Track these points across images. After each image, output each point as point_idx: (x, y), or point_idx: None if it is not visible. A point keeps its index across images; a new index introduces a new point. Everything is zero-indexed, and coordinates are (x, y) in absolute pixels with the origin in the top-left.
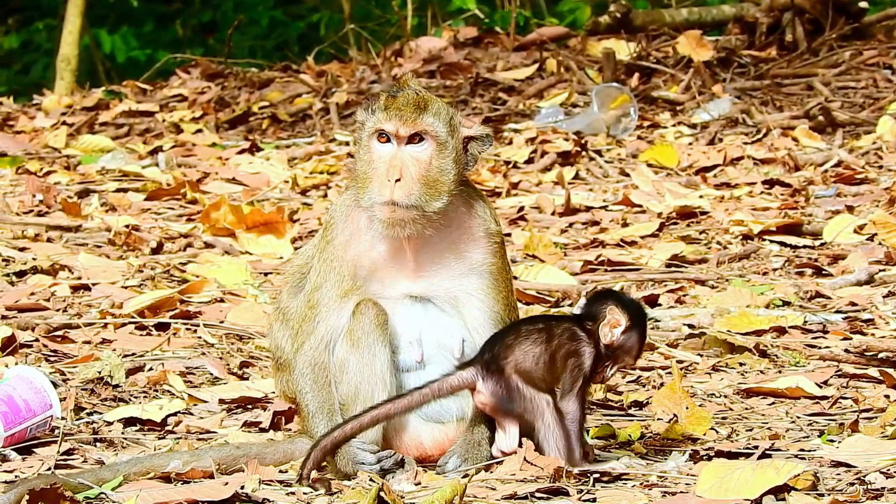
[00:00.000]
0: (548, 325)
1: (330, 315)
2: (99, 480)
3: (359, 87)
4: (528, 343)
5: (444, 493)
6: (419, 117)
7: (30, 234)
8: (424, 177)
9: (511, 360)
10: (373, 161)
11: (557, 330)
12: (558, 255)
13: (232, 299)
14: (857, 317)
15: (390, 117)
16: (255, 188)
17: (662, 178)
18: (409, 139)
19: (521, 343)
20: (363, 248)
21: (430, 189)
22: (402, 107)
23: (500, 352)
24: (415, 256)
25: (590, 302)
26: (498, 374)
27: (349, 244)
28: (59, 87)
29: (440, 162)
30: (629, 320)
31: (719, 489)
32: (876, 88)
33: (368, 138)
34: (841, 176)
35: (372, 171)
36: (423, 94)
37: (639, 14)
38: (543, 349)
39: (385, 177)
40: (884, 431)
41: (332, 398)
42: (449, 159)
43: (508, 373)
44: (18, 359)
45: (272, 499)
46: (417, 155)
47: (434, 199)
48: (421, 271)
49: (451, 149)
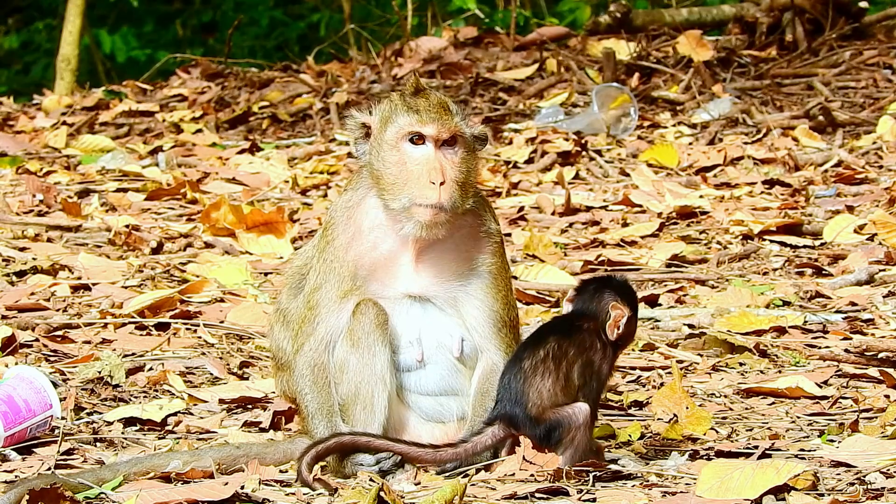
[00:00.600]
0: (549, 350)
1: (330, 316)
2: (99, 480)
3: (359, 87)
4: (539, 379)
5: (444, 493)
6: (452, 119)
7: (30, 234)
8: (460, 178)
9: (531, 403)
10: (407, 163)
11: (560, 350)
12: (558, 255)
13: (232, 299)
14: (857, 317)
15: (425, 120)
16: (255, 188)
17: (662, 178)
18: (445, 142)
19: (534, 385)
20: (364, 248)
21: (463, 190)
22: (435, 109)
23: (518, 400)
24: (416, 257)
25: (585, 298)
26: (533, 422)
27: (350, 245)
28: (59, 87)
29: (470, 163)
30: (630, 308)
31: (719, 489)
32: (876, 88)
33: (398, 140)
34: (841, 176)
35: (407, 174)
36: (444, 96)
37: (639, 14)
38: (555, 378)
39: (428, 179)
40: (884, 431)
41: (332, 399)
42: (474, 160)
43: (537, 413)
44: (18, 359)
45: (272, 499)
46: (454, 157)
47: (466, 199)
48: (421, 271)
49: (473, 149)
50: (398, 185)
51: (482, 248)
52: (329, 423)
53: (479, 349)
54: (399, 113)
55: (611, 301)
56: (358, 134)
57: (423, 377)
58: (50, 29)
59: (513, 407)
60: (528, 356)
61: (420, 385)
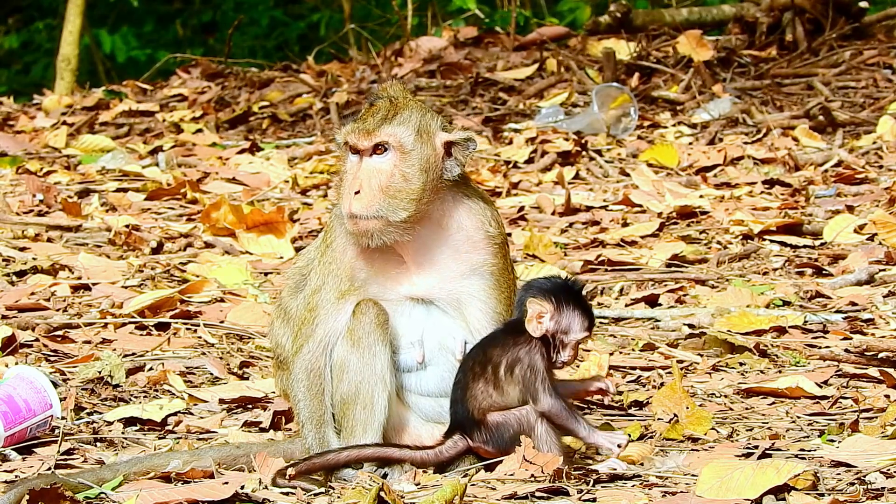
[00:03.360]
0: (479, 355)
1: (328, 318)
2: (99, 480)
3: (359, 87)
4: (475, 383)
5: (444, 493)
6: (379, 128)
7: (30, 233)
8: (387, 187)
9: (474, 407)
10: (343, 173)
11: (489, 353)
12: (558, 255)
13: (232, 299)
14: (857, 317)
15: (354, 130)
16: (255, 188)
17: (662, 177)
18: (374, 150)
19: (470, 389)
20: (363, 252)
21: (393, 199)
22: (366, 118)
23: (462, 407)
24: (413, 259)
25: (518, 302)
26: (477, 426)
27: (348, 248)
28: (59, 87)
29: (404, 171)
30: (553, 304)
31: (719, 489)
32: (876, 88)
33: (342, 151)
34: (841, 176)
35: (341, 184)
36: (397, 102)
37: (639, 14)
38: (489, 378)
39: (348, 189)
40: (884, 431)
41: (324, 408)
42: (415, 168)
43: (481, 417)
44: (18, 359)
45: (272, 499)
46: (379, 166)
47: (400, 208)
48: (421, 274)
49: (420, 157)
50: (338, 194)
51: (483, 249)
52: (318, 433)
53: None
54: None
55: (528, 298)
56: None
57: (424, 378)
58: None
59: (460, 413)
60: (463, 368)
61: (420, 386)
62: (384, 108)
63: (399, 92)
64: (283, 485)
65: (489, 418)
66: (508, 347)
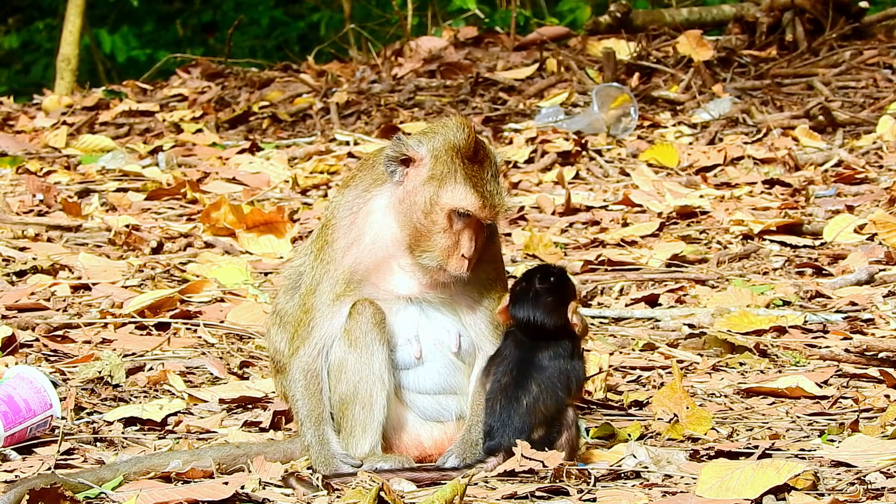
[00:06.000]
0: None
1: (324, 321)
2: (99, 480)
3: (359, 86)
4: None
5: (444, 492)
6: (505, 206)
7: (30, 233)
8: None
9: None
10: (445, 231)
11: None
12: (558, 255)
13: (232, 299)
14: (857, 317)
15: (484, 206)
16: (255, 188)
17: (662, 177)
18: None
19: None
20: (363, 253)
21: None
22: (495, 194)
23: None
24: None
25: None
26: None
27: (349, 250)
28: (59, 87)
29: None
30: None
31: (719, 489)
32: (876, 88)
33: (447, 207)
34: (841, 176)
35: (442, 238)
36: (494, 160)
37: (639, 14)
38: (533, 398)
39: (460, 252)
40: (884, 431)
41: (322, 407)
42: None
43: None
44: (18, 359)
45: (272, 499)
46: (487, 230)
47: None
48: (416, 274)
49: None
50: (428, 242)
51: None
52: (317, 432)
53: (477, 347)
54: (458, 182)
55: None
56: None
57: (422, 375)
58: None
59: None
60: (509, 384)
61: (418, 383)
62: (493, 170)
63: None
64: (292, 485)
65: (534, 433)
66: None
